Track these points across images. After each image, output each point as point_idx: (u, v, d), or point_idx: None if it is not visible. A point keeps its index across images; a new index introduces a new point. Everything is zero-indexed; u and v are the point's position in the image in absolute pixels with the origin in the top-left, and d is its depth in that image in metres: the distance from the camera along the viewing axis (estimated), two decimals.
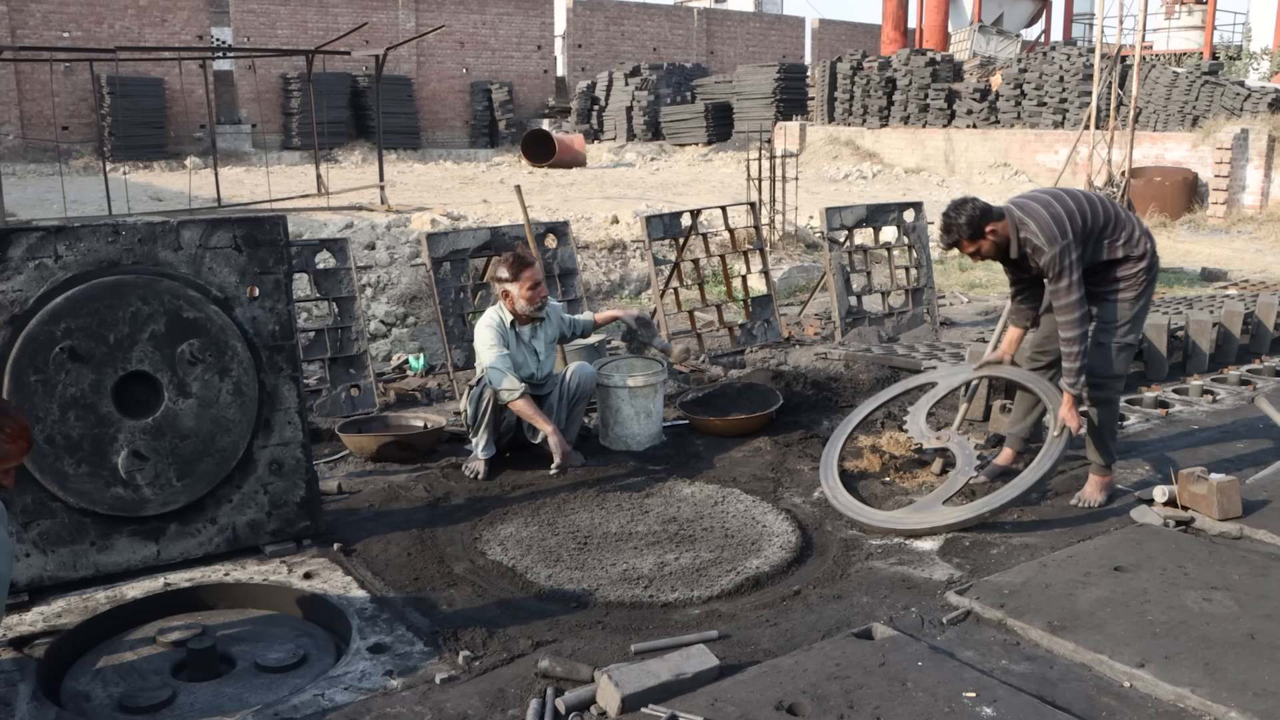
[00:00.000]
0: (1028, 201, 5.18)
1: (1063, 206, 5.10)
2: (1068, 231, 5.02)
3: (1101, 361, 5.32)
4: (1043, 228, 5.03)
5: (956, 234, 5.16)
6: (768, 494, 5.68)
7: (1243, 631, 3.91)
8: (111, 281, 4.43)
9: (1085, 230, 5.10)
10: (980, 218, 5.10)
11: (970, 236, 5.14)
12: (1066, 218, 5.05)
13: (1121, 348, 5.32)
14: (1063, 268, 5.00)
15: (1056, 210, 5.07)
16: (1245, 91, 20.92)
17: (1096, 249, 5.19)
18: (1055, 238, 5.00)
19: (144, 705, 3.66)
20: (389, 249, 11.15)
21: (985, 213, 5.12)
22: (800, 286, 12.12)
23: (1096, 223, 5.16)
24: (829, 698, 3.45)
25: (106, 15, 29.02)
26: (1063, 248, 4.99)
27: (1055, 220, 5.03)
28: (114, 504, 4.47)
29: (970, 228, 5.11)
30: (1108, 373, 5.34)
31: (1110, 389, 5.39)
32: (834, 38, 45.85)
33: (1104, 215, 5.20)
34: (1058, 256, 4.99)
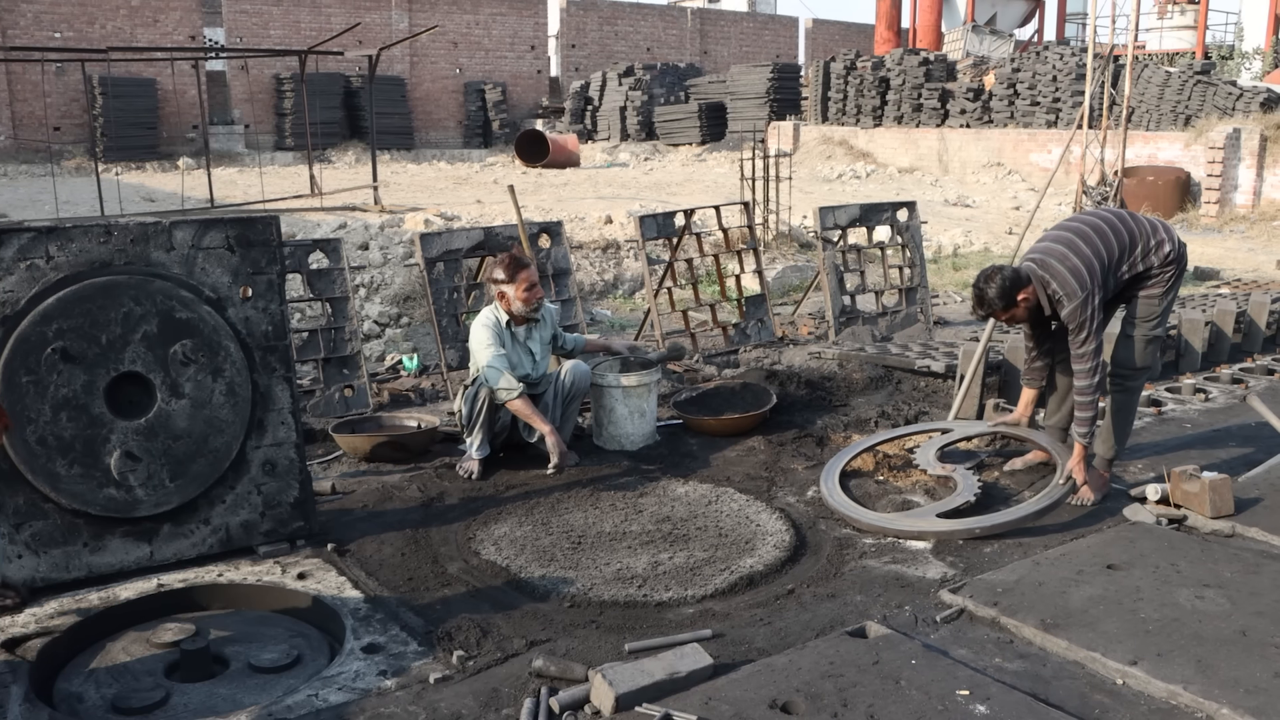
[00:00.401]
0: (1046, 256, 5.25)
1: (1081, 254, 5.18)
2: (1086, 283, 5.12)
3: (1127, 353, 5.46)
4: (1064, 283, 5.14)
5: (990, 307, 5.29)
6: (761, 493, 5.68)
7: (1235, 629, 3.92)
8: (103, 282, 4.42)
9: (1106, 269, 5.21)
10: (1011, 288, 5.22)
11: (1004, 308, 5.27)
12: (1085, 267, 5.14)
13: (1149, 340, 5.43)
14: (1083, 319, 5.13)
15: (1074, 263, 5.16)
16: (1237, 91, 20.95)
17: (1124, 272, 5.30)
18: (1075, 292, 5.11)
19: (137, 706, 3.65)
20: (382, 249, 11.14)
21: (1015, 282, 5.23)
22: (794, 286, 12.13)
23: (1116, 253, 5.26)
24: (823, 696, 3.45)
25: (98, 15, 28.94)
26: (1083, 300, 5.11)
27: (1074, 273, 5.13)
28: (107, 505, 4.46)
29: (1003, 300, 5.23)
30: (1132, 364, 5.47)
31: (1135, 379, 5.51)
32: (828, 37, 45.86)
33: (1126, 237, 5.29)
34: (1079, 308, 5.12)
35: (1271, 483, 5.50)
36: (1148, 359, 5.48)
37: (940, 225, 16.66)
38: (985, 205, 20.07)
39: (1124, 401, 5.52)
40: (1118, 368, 5.49)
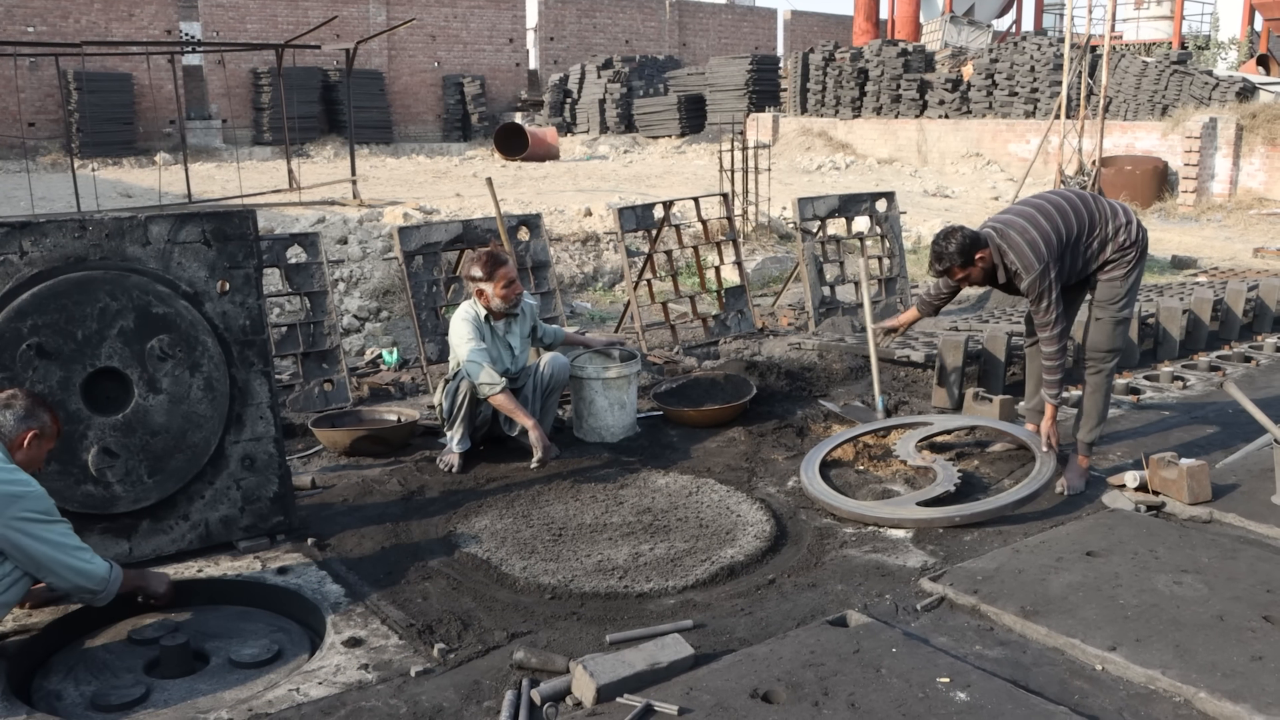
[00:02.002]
0: (1006, 227, 5.33)
1: (1040, 228, 5.26)
2: (1044, 255, 5.19)
3: (1098, 337, 5.52)
4: (1020, 255, 5.22)
5: (948, 261, 5.35)
6: (742, 484, 5.69)
7: (1212, 613, 3.95)
8: (79, 277, 4.39)
9: (1064, 244, 5.28)
10: (970, 246, 5.29)
11: (962, 264, 5.34)
12: (1042, 241, 5.21)
13: (1117, 322, 5.49)
14: (1041, 290, 5.22)
15: (1032, 236, 5.23)
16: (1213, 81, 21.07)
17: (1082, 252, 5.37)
18: (1032, 264, 5.19)
19: (116, 703, 3.63)
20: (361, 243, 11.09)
21: (974, 241, 5.30)
22: (774, 277, 12.13)
23: (1075, 230, 5.33)
24: (804, 685, 3.46)
25: (72, 10, 28.72)
26: (1040, 272, 5.18)
27: (1032, 246, 5.20)
28: (84, 501, 4.43)
29: (961, 255, 5.30)
30: (1104, 347, 5.52)
31: (1108, 362, 5.55)
32: (806, 29, 45.88)
33: (1086, 217, 5.36)
34: (1036, 280, 5.20)
35: (1248, 469, 5.54)
36: (1118, 340, 5.53)
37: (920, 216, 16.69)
38: (964, 195, 20.12)
39: (1099, 384, 5.58)
40: (1091, 352, 5.55)
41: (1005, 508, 5.11)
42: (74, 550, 3.81)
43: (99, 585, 3.88)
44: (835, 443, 6.03)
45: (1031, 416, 5.92)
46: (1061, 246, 5.26)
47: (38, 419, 3.93)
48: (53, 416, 4.01)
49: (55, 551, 3.76)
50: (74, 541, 3.83)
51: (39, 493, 3.77)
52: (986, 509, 5.10)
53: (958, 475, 5.43)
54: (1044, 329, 5.30)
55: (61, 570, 3.79)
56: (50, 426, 3.98)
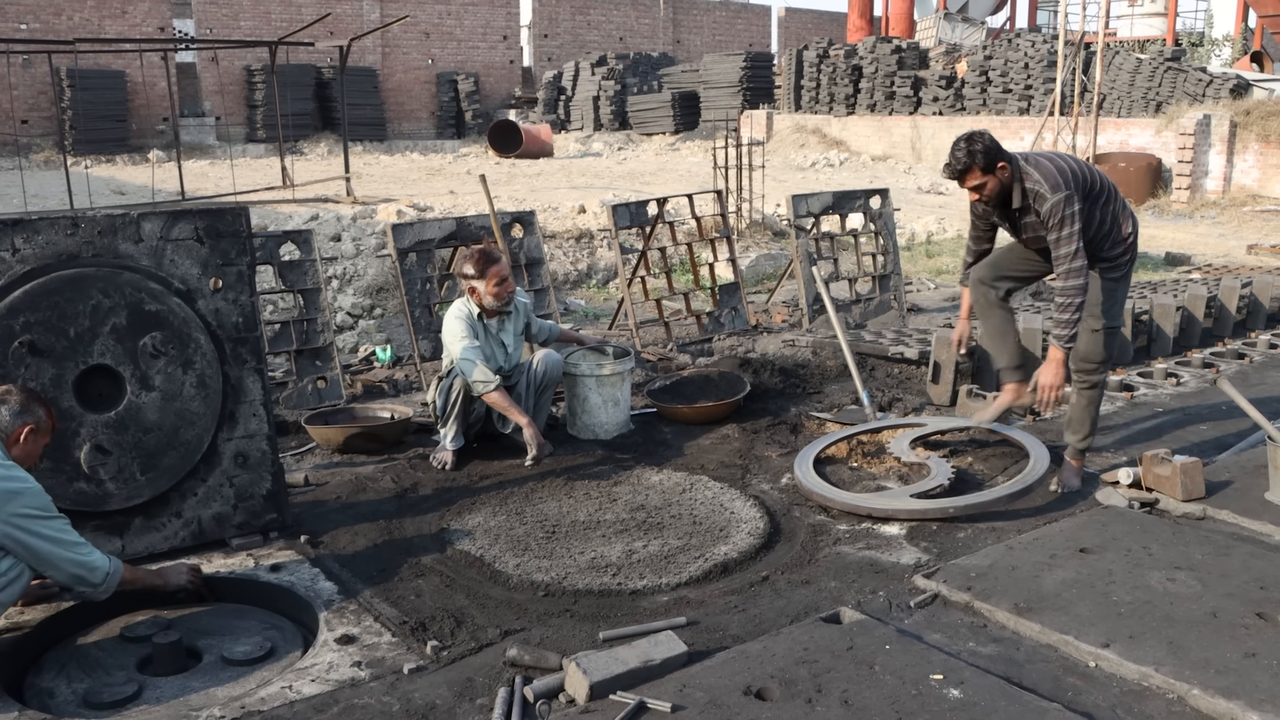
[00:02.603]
0: (1031, 154, 5.22)
1: (1067, 163, 5.16)
2: (1070, 183, 5.03)
3: (1093, 346, 5.41)
4: (1047, 176, 5.03)
5: (969, 160, 5.02)
6: (736, 481, 5.69)
7: (1205, 610, 3.95)
8: (71, 274, 4.37)
9: (1086, 189, 5.13)
10: (995, 152, 5.03)
11: (985, 167, 5.04)
12: (1070, 172, 5.08)
13: (1108, 331, 5.41)
14: (1064, 215, 4.98)
15: (1061, 164, 5.11)
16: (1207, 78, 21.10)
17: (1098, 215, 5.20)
18: (1059, 185, 5.00)
19: (109, 701, 3.62)
20: (355, 240, 11.08)
21: (997, 149, 5.05)
22: (767, 274, 12.14)
23: (1098, 185, 5.21)
24: (797, 682, 3.46)
25: (65, 7, 28.67)
26: (1066, 196, 4.98)
27: (1060, 172, 5.05)
28: (77, 499, 4.41)
29: (986, 158, 5.01)
30: (1098, 358, 5.42)
31: (1100, 372, 5.47)
32: (800, 26, 45.90)
33: (1102, 184, 5.26)
34: (1061, 203, 4.97)
35: (1242, 465, 5.55)
36: (1110, 350, 5.48)
37: (913, 213, 16.72)
38: (958, 193, 20.10)
39: (1092, 397, 5.50)
40: (1083, 362, 5.43)
41: (999, 501, 5.11)
42: (74, 545, 3.81)
43: (100, 579, 3.88)
44: (829, 440, 6.03)
45: (1007, 376, 5.69)
46: (1085, 190, 5.09)
47: (33, 414, 3.92)
48: (48, 411, 4.00)
49: (56, 547, 3.75)
50: (73, 536, 3.83)
51: (36, 489, 3.76)
52: (980, 501, 5.10)
53: (951, 471, 5.44)
54: (1065, 259, 5.00)
55: (63, 564, 3.78)
56: (45, 421, 3.97)
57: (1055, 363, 5.16)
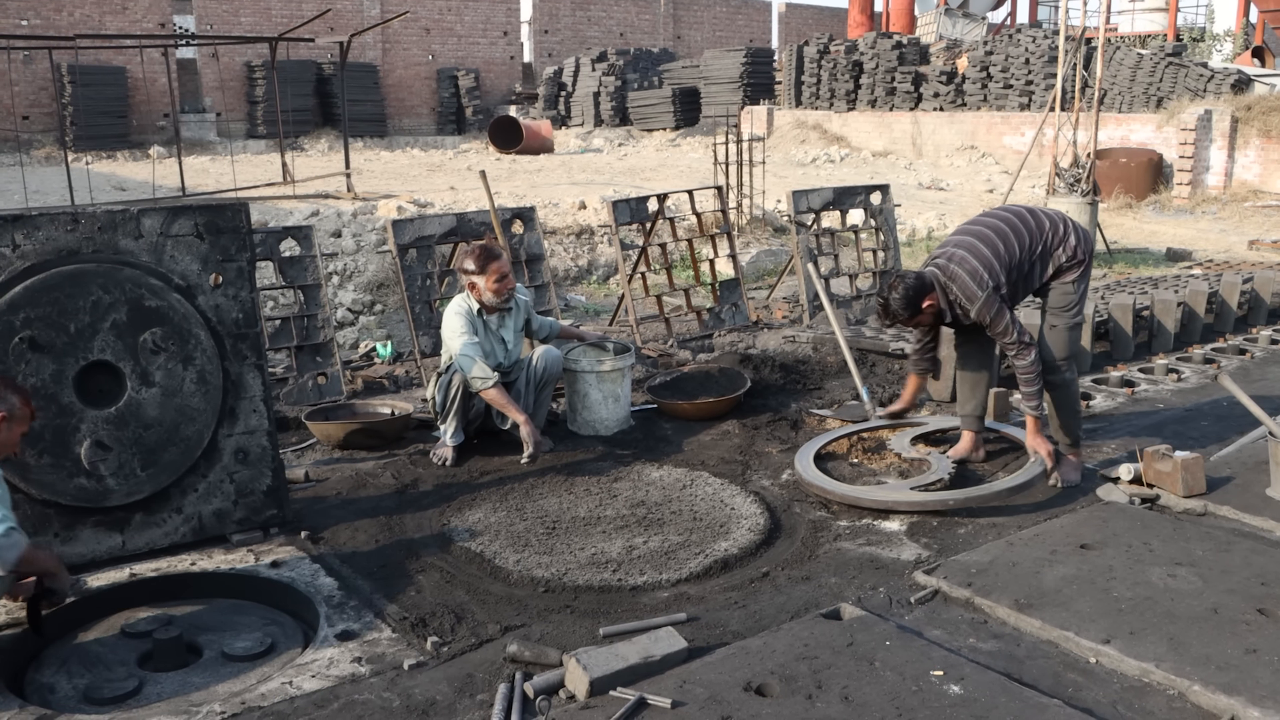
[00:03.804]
0: (948, 261, 5.28)
1: (980, 255, 5.24)
2: (986, 282, 5.16)
3: (1055, 344, 5.44)
4: (964, 287, 5.19)
5: (895, 317, 5.31)
6: (736, 477, 5.68)
7: (1206, 606, 3.95)
8: (71, 270, 4.37)
9: (1008, 265, 5.25)
10: (915, 296, 5.22)
11: (910, 316, 5.28)
12: (984, 267, 5.19)
13: (1071, 327, 5.45)
14: (993, 314, 5.18)
15: (973, 265, 5.20)
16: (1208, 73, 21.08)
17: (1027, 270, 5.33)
18: (975, 294, 5.16)
19: (109, 696, 3.62)
20: (355, 236, 11.08)
21: (919, 289, 5.23)
22: (768, 270, 12.13)
23: (1018, 251, 5.29)
24: (797, 678, 3.46)
25: (66, 3, 28.61)
26: (985, 298, 5.15)
27: (973, 275, 5.18)
28: (77, 495, 4.42)
29: (908, 309, 5.24)
30: (1062, 354, 5.45)
31: (1067, 371, 5.48)
32: (801, 21, 45.84)
33: (1027, 237, 5.32)
34: (984, 306, 5.17)
35: (1243, 461, 5.55)
36: (1073, 347, 5.49)
37: (914, 208, 16.70)
38: (959, 188, 20.12)
39: (1062, 395, 5.51)
40: (1048, 361, 5.43)
41: (998, 494, 5.11)
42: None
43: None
44: (830, 437, 6.02)
45: (967, 424, 5.79)
46: (1006, 268, 5.23)
47: (6, 402, 3.86)
48: (23, 399, 3.93)
49: None
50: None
51: None
52: (979, 494, 5.10)
53: (952, 466, 5.44)
54: (1011, 348, 5.23)
55: None
56: (20, 409, 3.90)
57: (1032, 431, 5.37)
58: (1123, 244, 14.37)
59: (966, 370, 5.75)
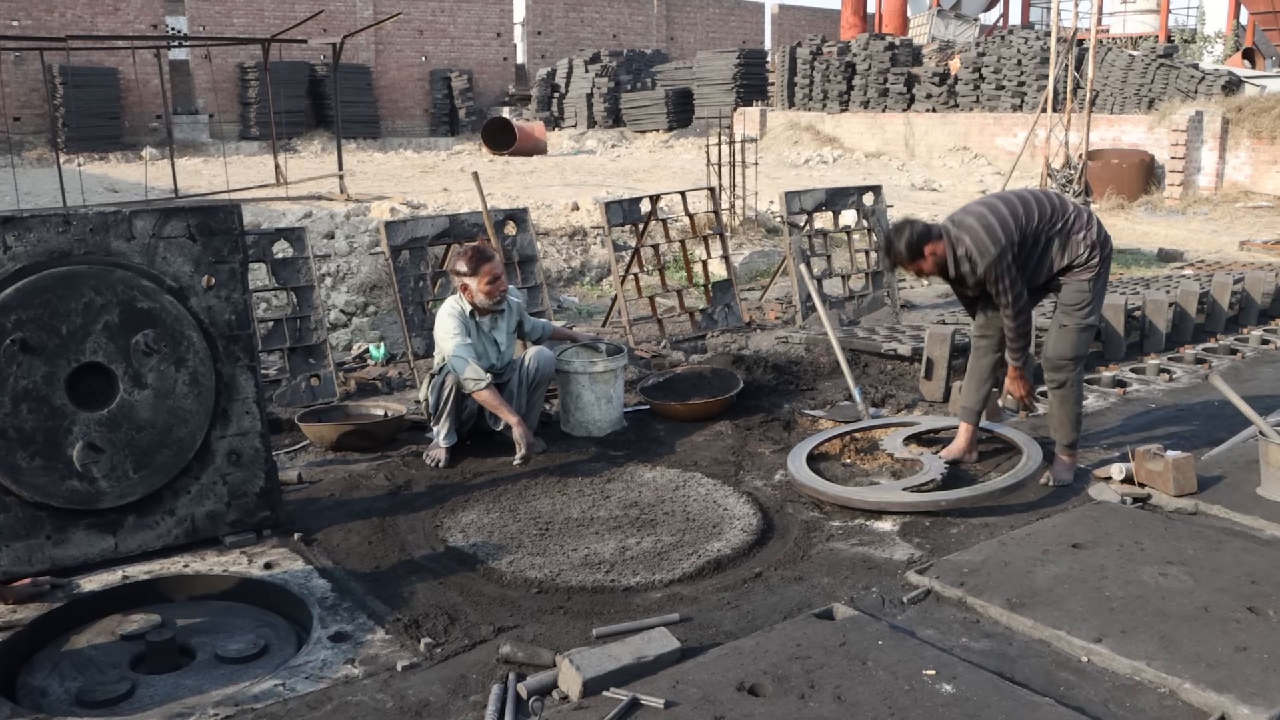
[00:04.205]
0: (965, 216, 5.32)
1: (999, 215, 5.24)
2: (1000, 239, 5.17)
3: (1063, 344, 5.43)
4: (976, 240, 5.19)
5: (895, 257, 5.35)
6: (729, 477, 5.69)
7: (1197, 605, 3.97)
8: (63, 272, 4.36)
9: (1022, 230, 5.24)
10: (919, 240, 5.26)
11: (910, 258, 5.30)
12: (1000, 225, 5.20)
13: (1082, 329, 5.41)
14: (999, 272, 5.18)
15: (990, 220, 5.22)
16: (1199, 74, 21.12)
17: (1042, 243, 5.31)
18: (988, 248, 5.17)
19: (102, 699, 3.62)
20: (348, 238, 11.07)
21: (924, 234, 5.27)
22: (761, 271, 12.14)
23: (1036, 219, 5.28)
24: (790, 678, 3.47)
25: (57, 4, 28.56)
26: (996, 255, 5.16)
27: (988, 230, 5.19)
28: (69, 497, 4.41)
29: (909, 250, 5.27)
30: (1068, 355, 5.42)
31: (1071, 370, 5.46)
32: (793, 23, 45.87)
33: (1047, 209, 5.32)
34: (993, 263, 5.17)
35: (1234, 460, 5.56)
36: (1081, 348, 5.46)
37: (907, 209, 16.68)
38: (951, 189, 20.15)
39: (1065, 394, 5.49)
40: (1054, 359, 5.45)
41: (991, 495, 5.12)
42: None
43: None
44: (823, 437, 6.04)
45: (966, 416, 5.82)
46: (1020, 233, 5.22)
47: None
48: None
49: None
50: None
51: None
52: (971, 495, 5.12)
53: (944, 466, 5.45)
54: (1007, 306, 5.25)
55: None
56: None
57: (1014, 377, 5.55)
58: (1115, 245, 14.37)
59: (979, 363, 5.76)
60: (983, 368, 5.75)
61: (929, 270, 5.39)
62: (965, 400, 5.85)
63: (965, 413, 5.84)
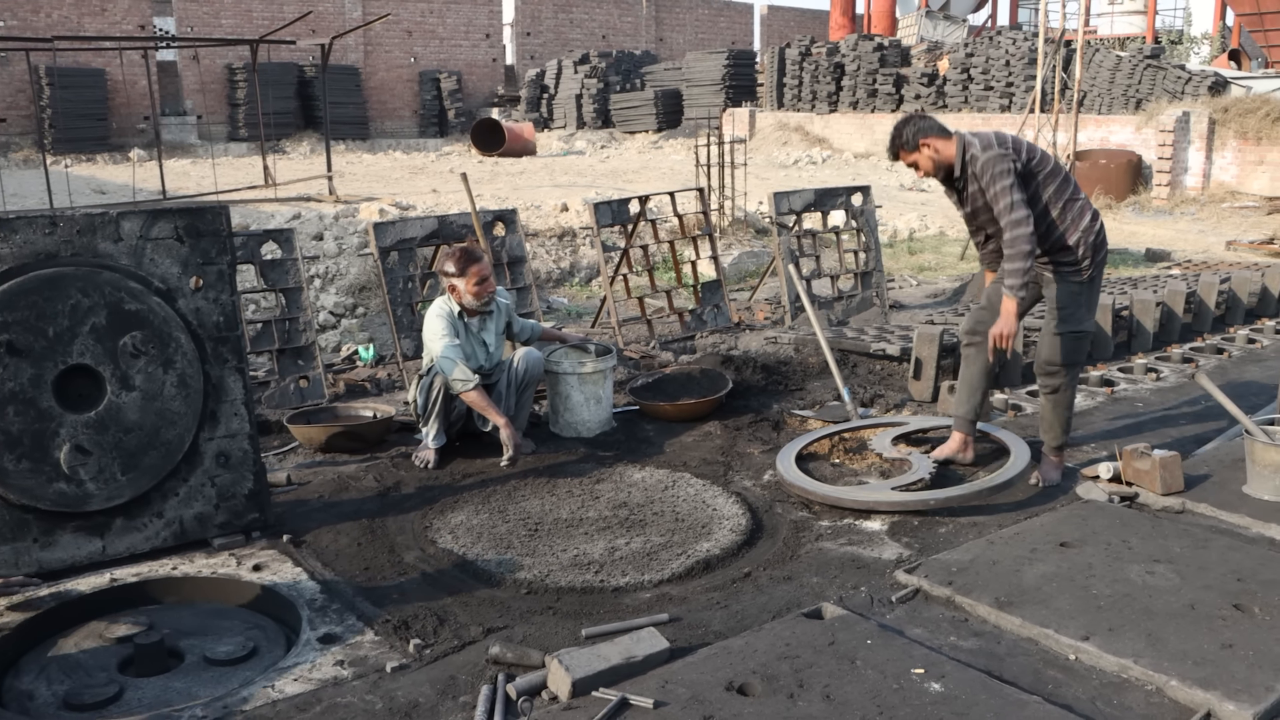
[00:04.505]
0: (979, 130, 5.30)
1: (1008, 135, 5.22)
2: (1007, 144, 5.12)
3: (1051, 350, 5.39)
4: (984, 140, 5.14)
5: (896, 141, 5.30)
6: (718, 478, 5.70)
7: (1184, 603, 3.98)
8: (50, 274, 4.35)
9: (1033, 160, 5.17)
10: (923, 131, 5.23)
11: (908, 146, 5.26)
12: (1011, 140, 5.17)
13: (1075, 335, 5.36)
14: (996, 172, 5.04)
15: (1004, 135, 5.20)
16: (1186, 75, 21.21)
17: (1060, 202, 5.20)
18: (991, 144, 5.10)
19: (90, 702, 3.61)
20: (337, 239, 11.05)
21: (932, 129, 5.24)
22: (750, 272, 12.15)
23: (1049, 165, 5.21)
24: (779, 677, 3.47)
25: (43, 4, 28.46)
26: (998, 154, 5.06)
27: (998, 137, 5.16)
28: (57, 500, 4.40)
29: (912, 137, 5.23)
30: (1058, 360, 5.39)
31: (1063, 376, 5.43)
32: (783, 23, 45.92)
33: (1063, 172, 5.25)
34: (993, 160, 5.05)
35: (1220, 459, 5.59)
36: (1073, 355, 5.40)
37: (896, 210, 16.75)
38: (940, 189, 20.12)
39: (1059, 398, 5.47)
40: (1045, 364, 5.42)
41: (979, 494, 5.14)
42: None
43: None
44: (812, 437, 6.05)
45: (960, 425, 5.71)
46: (1028, 156, 5.15)
47: None
48: None
49: None
50: None
51: None
52: (960, 494, 5.13)
53: (932, 465, 5.46)
54: (1003, 215, 5.04)
55: None
56: None
57: (1006, 314, 5.19)
58: None
59: (970, 369, 5.68)
60: (974, 375, 5.67)
61: (924, 168, 5.28)
62: (960, 409, 5.72)
63: (961, 422, 5.72)
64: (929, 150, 5.23)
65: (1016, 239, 5.02)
